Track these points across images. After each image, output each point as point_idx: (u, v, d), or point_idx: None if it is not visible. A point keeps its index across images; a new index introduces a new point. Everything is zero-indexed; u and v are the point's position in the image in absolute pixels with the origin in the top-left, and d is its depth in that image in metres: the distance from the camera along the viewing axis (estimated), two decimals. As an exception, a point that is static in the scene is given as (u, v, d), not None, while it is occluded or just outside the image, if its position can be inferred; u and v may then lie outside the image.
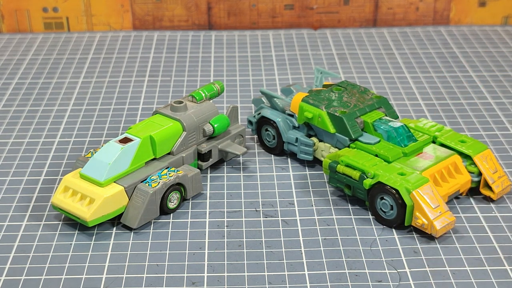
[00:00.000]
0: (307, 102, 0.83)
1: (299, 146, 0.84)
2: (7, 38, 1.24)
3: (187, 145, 0.82)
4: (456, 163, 0.78)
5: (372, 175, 0.75)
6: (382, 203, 0.74)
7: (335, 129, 0.81)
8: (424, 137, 0.80)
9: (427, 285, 0.67)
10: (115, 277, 0.68)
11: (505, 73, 1.11)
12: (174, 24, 1.28)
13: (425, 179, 0.73)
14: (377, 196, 0.75)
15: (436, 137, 0.81)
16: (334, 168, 0.78)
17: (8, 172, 0.85)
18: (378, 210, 0.75)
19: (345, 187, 0.78)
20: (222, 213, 0.78)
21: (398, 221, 0.74)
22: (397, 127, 0.79)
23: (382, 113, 0.82)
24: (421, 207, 0.72)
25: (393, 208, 0.74)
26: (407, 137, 0.79)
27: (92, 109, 1.00)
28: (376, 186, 0.74)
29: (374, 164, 0.76)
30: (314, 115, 0.82)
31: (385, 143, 0.79)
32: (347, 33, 1.26)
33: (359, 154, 0.78)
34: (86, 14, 1.27)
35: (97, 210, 0.72)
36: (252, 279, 0.68)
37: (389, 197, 0.74)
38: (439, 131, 0.82)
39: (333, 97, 0.83)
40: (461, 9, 1.29)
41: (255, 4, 1.28)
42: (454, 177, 0.77)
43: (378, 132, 0.80)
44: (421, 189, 0.72)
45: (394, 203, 0.73)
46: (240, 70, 1.12)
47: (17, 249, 0.72)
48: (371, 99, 0.84)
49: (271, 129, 0.87)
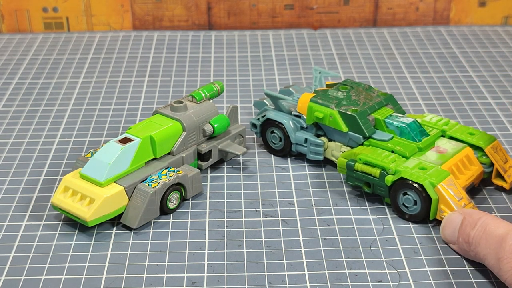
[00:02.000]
0: (316, 102, 0.83)
1: (308, 147, 0.84)
2: (7, 38, 1.24)
3: (187, 145, 0.82)
4: (469, 155, 0.79)
5: (394, 171, 0.75)
6: (405, 198, 0.75)
7: (348, 128, 0.81)
8: (434, 131, 0.81)
9: (427, 285, 0.67)
10: (115, 277, 0.68)
11: (505, 73, 1.11)
12: (174, 24, 1.28)
13: (446, 173, 0.74)
14: (400, 192, 0.75)
15: (445, 131, 0.82)
16: (352, 167, 0.78)
17: (8, 172, 0.85)
18: (400, 205, 0.75)
19: (364, 185, 0.78)
20: (222, 213, 0.78)
21: (422, 215, 0.74)
22: (410, 122, 0.80)
23: (391, 109, 0.83)
24: (446, 200, 0.72)
25: (417, 203, 0.74)
26: (420, 132, 0.80)
27: (92, 109, 1.00)
28: (398, 182, 0.75)
29: (393, 160, 0.76)
30: (325, 114, 0.82)
31: (399, 139, 0.79)
32: (347, 33, 1.26)
33: (375, 151, 0.78)
34: (86, 14, 1.27)
35: (97, 210, 0.72)
36: (252, 279, 0.68)
37: (413, 192, 0.74)
38: (446, 124, 0.83)
39: (341, 96, 0.83)
40: (461, 9, 1.29)
41: (255, 4, 1.28)
42: (469, 169, 0.78)
43: (390, 129, 0.80)
44: (445, 182, 0.73)
45: (418, 198, 0.74)
46: (240, 70, 1.12)
47: (17, 249, 0.72)
48: (378, 96, 0.84)
49: (277, 130, 0.87)
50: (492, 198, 0.79)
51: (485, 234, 0.66)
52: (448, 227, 0.71)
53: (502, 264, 0.63)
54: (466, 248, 0.69)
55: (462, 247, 0.69)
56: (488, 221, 0.67)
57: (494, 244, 0.65)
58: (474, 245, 0.67)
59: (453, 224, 0.70)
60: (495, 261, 0.64)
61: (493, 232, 0.66)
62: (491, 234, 0.66)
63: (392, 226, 0.75)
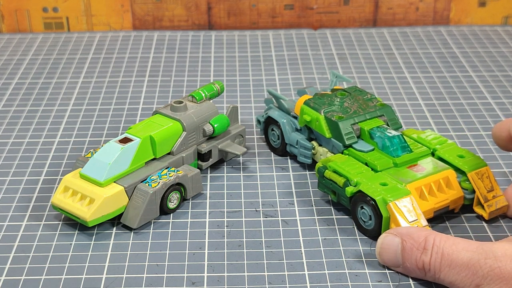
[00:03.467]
0: (308, 105, 0.82)
1: (299, 149, 0.84)
2: (7, 38, 1.24)
3: (187, 145, 0.82)
4: (450, 178, 0.75)
5: (355, 183, 0.73)
6: (362, 212, 0.73)
7: (330, 134, 0.80)
8: (421, 149, 0.78)
9: (427, 285, 0.67)
10: (115, 277, 0.68)
11: (505, 73, 1.11)
12: (174, 24, 1.28)
13: (406, 191, 0.71)
14: (358, 205, 0.73)
15: (436, 150, 0.78)
16: (322, 173, 0.77)
17: (8, 172, 0.85)
18: (359, 219, 0.74)
19: (331, 193, 0.77)
20: (222, 213, 0.78)
21: (376, 231, 0.72)
22: (392, 136, 0.77)
23: (381, 121, 0.80)
24: (396, 220, 0.70)
25: (371, 218, 0.72)
26: (402, 147, 0.77)
27: (92, 109, 1.00)
28: (357, 195, 0.73)
29: (360, 172, 0.74)
30: (312, 118, 0.81)
31: (378, 152, 0.77)
32: (347, 33, 1.26)
33: (348, 161, 0.76)
34: (86, 14, 1.27)
35: (97, 210, 0.72)
36: (252, 279, 0.68)
37: (368, 206, 0.72)
38: (441, 144, 0.79)
39: (334, 102, 0.82)
40: (461, 9, 1.29)
41: (255, 4, 1.28)
42: (444, 192, 0.74)
43: (374, 141, 0.78)
44: (399, 201, 0.70)
45: (372, 213, 0.72)
46: (240, 70, 1.12)
47: (17, 249, 0.72)
48: (374, 106, 0.82)
49: (276, 129, 0.87)
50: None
51: (446, 261, 0.63)
52: (386, 252, 0.68)
53: None
54: (418, 273, 0.66)
55: (413, 271, 0.66)
56: (440, 244, 0.64)
57: (464, 270, 0.62)
58: (432, 272, 0.64)
59: (391, 247, 0.67)
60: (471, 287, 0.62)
61: (456, 258, 0.63)
62: (455, 260, 0.63)
63: (392, 226, 0.75)
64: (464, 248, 0.63)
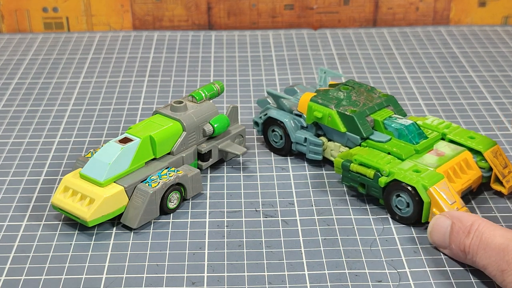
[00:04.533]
0: (316, 101, 0.83)
1: (308, 146, 0.84)
2: (7, 38, 1.24)
3: (187, 145, 0.82)
4: (467, 159, 0.78)
5: (387, 173, 0.75)
6: (398, 200, 0.75)
7: (346, 128, 0.81)
8: (433, 134, 0.81)
9: (427, 285, 0.67)
10: (115, 277, 0.68)
11: (505, 73, 1.11)
12: (174, 24, 1.28)
13: (440, 176, 0.74)
14: (393, 194, 0.75)
15: (445, 134, 0.81)
16: (348, 167, 0.78)
17: (8, 172, 0.85)
18: (393, 207, 0.75)
19: (359, 185, 0.78)
20: (222, 213, 0.78)
21: (414, 218, 0.74)
22: (408, 124, 0.80)
23: (391, 111, 0.83)
24: (438, 204, 0.72)
25: (409, 206, 0.74)
26: (418, 134, 0.79)
27: (92, 109, 1.00)
28: (391, 184, 0.75)
29: (388, 162, 0.76)
30: (324, 114, 0.82)
31: (396, 141, 0.79)
32: (347, 33, 1.26)
33: (372, 152, 0.78)
34: (86, 14, 1.27)
35: (97, 210, 0.72)
36: (252, 279, 0.68)
37: (406, 194, 0.74)
38: (447, 128, 0.82)
39: (341, 96, 0.84)
40: (461, 9, 1.29)
41: (255, 4, 1.28)
42: (466, 173, 0.78)
43: (389, 130, 0.80)
44: (437, 186, 0.73)
45: (411, 200, 0.73)
46: (240, 70, 1.12)
47: (17, 249, 0.72)
48: (379, 97, 0.84)
49: (278, 129, 0.87)
50: (492, 198, 0.79)
51: (483, 244, 0.65)
52: (436, 232, 0.70)
53: (506, 276, 0.63)
54: (461, 256, 0.68)
55: (456, 254, 0.69)
56: (482, 229, 0.66)
57: (495, 255, 0.64)
58: (471, 255, 0.66)
59: (441, 229, 0.70)
60: (498, 272, 0.63)
61: (491, 242, 0.65)
62: (489, 244, 0.65)
63: (392, 226, 0.75)
64: (500, 235, 0.65)
